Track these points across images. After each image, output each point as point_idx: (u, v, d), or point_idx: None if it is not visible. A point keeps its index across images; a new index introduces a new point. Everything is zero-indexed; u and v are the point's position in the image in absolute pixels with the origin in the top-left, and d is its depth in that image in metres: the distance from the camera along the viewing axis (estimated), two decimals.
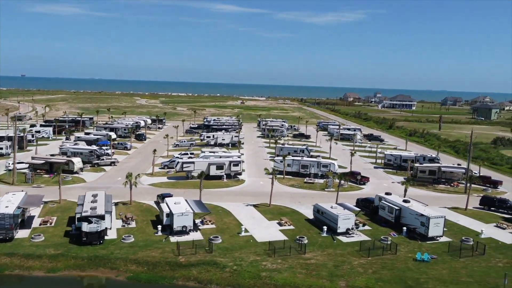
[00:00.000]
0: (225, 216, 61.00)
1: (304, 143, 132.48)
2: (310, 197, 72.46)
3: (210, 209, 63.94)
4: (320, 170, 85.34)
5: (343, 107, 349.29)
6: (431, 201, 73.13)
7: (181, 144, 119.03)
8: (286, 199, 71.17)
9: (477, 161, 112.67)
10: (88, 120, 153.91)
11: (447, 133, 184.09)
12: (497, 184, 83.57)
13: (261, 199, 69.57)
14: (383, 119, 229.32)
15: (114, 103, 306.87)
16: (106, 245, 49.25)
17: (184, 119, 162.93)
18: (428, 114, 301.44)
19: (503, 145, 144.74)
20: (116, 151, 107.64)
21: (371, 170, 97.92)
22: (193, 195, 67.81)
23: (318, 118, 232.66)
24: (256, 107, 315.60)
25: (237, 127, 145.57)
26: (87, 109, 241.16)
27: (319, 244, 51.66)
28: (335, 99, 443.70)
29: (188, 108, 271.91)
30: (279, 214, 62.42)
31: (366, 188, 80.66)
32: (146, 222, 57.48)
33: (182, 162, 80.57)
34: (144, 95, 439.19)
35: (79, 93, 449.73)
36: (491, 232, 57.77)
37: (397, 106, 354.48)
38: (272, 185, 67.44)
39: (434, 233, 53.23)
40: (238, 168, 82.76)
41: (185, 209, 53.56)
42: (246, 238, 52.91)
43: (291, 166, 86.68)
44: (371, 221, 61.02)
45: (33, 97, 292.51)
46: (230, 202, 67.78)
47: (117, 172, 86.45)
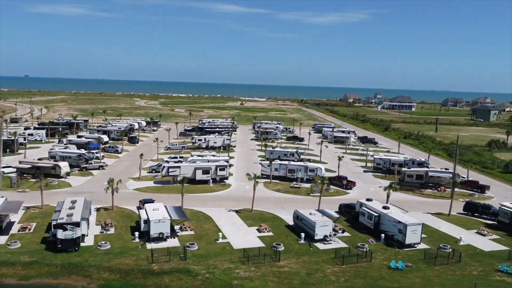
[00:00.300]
0: (206, 222, 61.04)
1: (297, 146, 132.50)
2: (294, 203, 72.33)
3: (191, 214, 64.18)
4: (307, 174, 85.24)
5: (342, 108, 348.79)
6: (416, 206, 73.13)
7: (172, 147, 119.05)
8: (270, 204, 71.16)
9: (468, 164, 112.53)
10: (83, 122, 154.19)
11: (443, 135, 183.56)
12: (484, 188, 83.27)
13: (245, 204, 69.54)
14: (381, 121, 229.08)
15: (113, 104, 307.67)
16: (82, 252, 49.37)
17: (178, 122, 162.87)
18: (427, 115, 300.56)
19: (498, 148, 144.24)
20: (107, 154, 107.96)
21: (361, 174, 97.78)
22: (177, 200, 67.81)
23: (315, 120, 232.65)
24: (255, 108, 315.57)
25: (231, 129, 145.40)
26: (85, 110, 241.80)
27: (295, 251, 51.61)
28: (335, 100, 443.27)
29: (186, 110, 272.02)
30: (259, 220, 62.41)
31: (352, 193, 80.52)
32: (125, 229, 57.56)
33: (168, 167, 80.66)
34: (145, 96, 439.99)
35: (79, 94, 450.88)
36: (471, 239, 57.56)
37: (397, 107, 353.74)
38: (254, 190, 67.42)
39: (411, 241, 53.08)
40: (224, 173, 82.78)
41: (162, 215, 53.62)
42: (222, 245, 52.91)
43: (279, 170, 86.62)
44: (352, 227, 60.94)
45: (31, 98, 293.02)
46: (213, 208, 67.82)
47: (104, 176, 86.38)
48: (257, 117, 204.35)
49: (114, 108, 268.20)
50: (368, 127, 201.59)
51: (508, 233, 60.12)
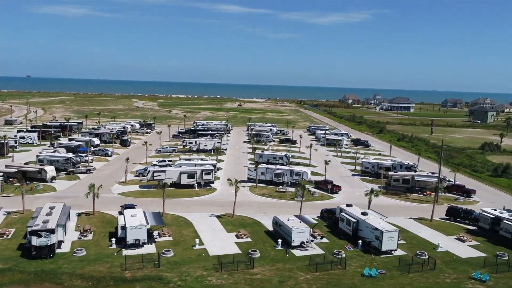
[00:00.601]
0: (185, 228, 61.09)
1: (288, 148, 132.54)
2: (277, 207, 72.33)
3: (172, 220, 64.29)
4: (293, 178, 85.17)
5: (340, 109, 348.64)
6: (400, 211, 73.05)
7: (163, 150, 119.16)
8: (252, 209, 71.18)
9: (455, 168, 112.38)
10: (77, 124, 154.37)
11: (438, 137, 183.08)
12: (470, 193, 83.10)
13: (229, 209, 69.39)
14: (377, 123, 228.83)
15: (111, 105, 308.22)
16: (56, 259, 49.44)
17: (170, 125, 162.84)
18: (425, 116, 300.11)
19: (491, 151, 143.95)
20: (96, 157, 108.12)
21: (349, 178, 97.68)
22: (160, 205, 67.91)
23: (311, 122, 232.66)
24: (252, 109, 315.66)
25: (223, 132, 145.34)
26: (82, 112, 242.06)
27: (271, 258, 51.59)
28: (334, 101, 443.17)
29: (183, 111, 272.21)
30: (240, 226, 62.43)
31: (337, 197, 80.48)
32: (103, 235, 57.64)
33: (153, 171, 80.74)
34: (144, 97, 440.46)
35: (78, 95, 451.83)
36: (450, 245, 57.44)
37: (395, 109, 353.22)
38: (235, 195, 67.41)
39: (387, 247, 53.01)
40: (210, 177, 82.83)
41: (139, 222, 53.67)
42: (199, 252, 52.94)
43: (265, 174, 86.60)
44: (332, 233, 60.91)
45: (28, 99, 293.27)
46: (195, 213, 67.86)
47: (91, 180, 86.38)
48: (251, 119, 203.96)
49: (111, 109, 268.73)
50: (364, 129, 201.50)
51: (488, 239, 59.98)
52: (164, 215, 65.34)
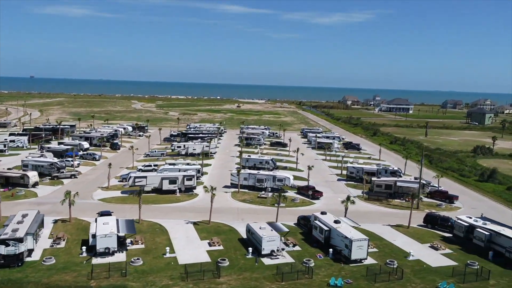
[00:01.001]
0: (159, 235, 61.22)
1: (278, 152, 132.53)
2: (256, 214, 72.39)
3: (148, 227, 64.48)
4: (276, 184, 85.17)
5: (338, 111, 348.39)
6: (379, 218, 72.93)
7: (151, 154, 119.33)
8: (231, 216, 71.23)
9: (447, 172, 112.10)
10: (69, 127, 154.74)
11: (433, 140, 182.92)
12: (453, 199, 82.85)
13: (207, 215, 69.42)
14: (373, 125, 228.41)
15: (109, 107, 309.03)
16: (24, 268, 49.64)
17: (161, 128, 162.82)
18: (423, 118, 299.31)
19: (483, 154, 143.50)
20: (84, 162, 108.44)
21: (334, 183, 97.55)
22: (142, 211, 68.20)
23: (307, 124, 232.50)
24: (250, 111, 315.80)
25: (214, 135, 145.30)
26: (79, 114, 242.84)
27: (240, 267, 51.63)
28: (334, 102, 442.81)
29: (180, 113, 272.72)
30: (214, 233, 62.49)
31: (318, 203, 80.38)
32: (76, 242, 57.81)
33: (134, 177, 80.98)
34: (143, 98, 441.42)
35: (78, 96, 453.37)
36: (422, 253, 57.31)
37: (394, 110, 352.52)
38: (211, 202, 67.49)
39: (357, 256, 52.92)
40: (191, 183, 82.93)
41: (109, 230, 53.83)
42: (168, 260, 53.03)
43: (248, 179, 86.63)
44: (306, 241, 60.88)
45: (25, 101, 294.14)
46: (173, 219, 67.98)
47: (75, 185, 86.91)
48: (246, 121, 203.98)
49: (109, 111, 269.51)
50: (358, 132, 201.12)
51: (461, 248, 59.83)
52: (141, 222, 65.59)
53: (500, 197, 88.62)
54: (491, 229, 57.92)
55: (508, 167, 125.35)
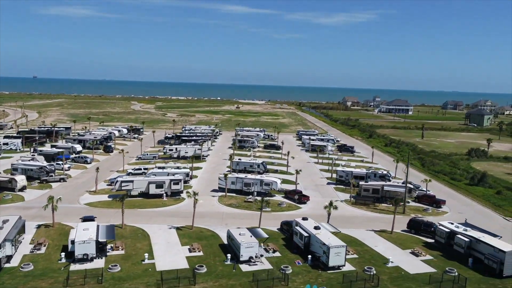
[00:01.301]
0: (141, 241, 61.33)
1: (270, 155, 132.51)
2: (241, 219, 72.44)
3: (131, 232, 64.65)
4: (263, 188, 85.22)
5: (337, 112, 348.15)
6: (364, 223, 72.84)
7: (143, 157, 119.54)
8: (215, 220, 71.30)
9: (438, 175, 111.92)
10: (64, 130, 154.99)
11: (428, 142, 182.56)
12: (440, 203, 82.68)
13: (190, 221, 69.52)
14: (370, 127, 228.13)
15: (108, 108, 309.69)
16: (2, 275, 49.83)
17: (155, 131, 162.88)
18: (421, 120, 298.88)
19: (477, 157, 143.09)
20: (75, 165, 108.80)
21: (323, 186, 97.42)
22: (127, 216, 68.43)
23: (305, 125, 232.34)
24: (249, 112, 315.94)
25: (207, 138, 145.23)
26: (77, 115, 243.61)
27: (217, 274, 51.68)
28: (333, 103, 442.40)
29: (178, 114, 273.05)
30: (196, 239, 62.58)
31: (304, 208, 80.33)
32: (57, 248, 57.98)
33: (121, 181, 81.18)
34: (144, 99, 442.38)
35: (79, 97, 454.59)
36: (402, 260, 57.20)
37: (394, 111, 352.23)
38: (194, 208, 67.54)
39: (334, 263, 52.89)
40: (178, 187, 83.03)
41: (88, 236, 54.00)
42: (146, 267, 53.13)
43: (235, 184, 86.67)
44: (287, 246, 60.87)
45: (24, 103, 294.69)
46: (156, 224, 68.11)
47: (63, 189, 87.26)
48: (244, 123, 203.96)
49: (107, 113, 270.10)
50: (355, 133, 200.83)
51: (443, 254, 59.71)
52: (124, 227, 65.78)
53: (489, 202, 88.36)
54: (471, 235, 57.80)
55: (501, 170, 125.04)
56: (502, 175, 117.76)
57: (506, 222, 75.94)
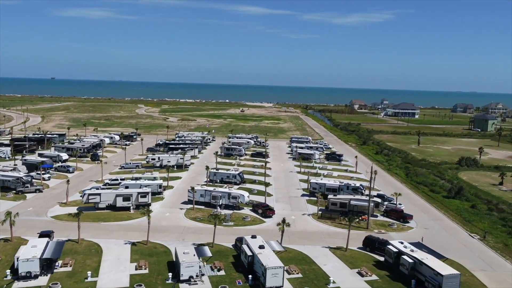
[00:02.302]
0: (92, 257, 62.23)
1: (255, 164, 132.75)
2: (200, 233, 72.86)
3: (85, 247, 65.60)
4: (230, 201, 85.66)
5: (343, 115, 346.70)
6: (323, 239, 72.55)
7: (126, 166, 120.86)
8: (175, 235, 71.79)
9: (419, 187, 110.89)
10: (57, 137, 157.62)
11: (423, 149, 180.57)
12: (407, 218, 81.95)
13: (153, 234, 70.22)
14: (368, 132, 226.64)
15: (112, 112, 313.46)
16: None
17: (143, 139, 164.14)
18: (426, 124, 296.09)
19: (467, 166, 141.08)
20: (58, 174, 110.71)
21: (296, 199, 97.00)
22: (86, 229, 70.02)
23: (303, 131, 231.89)
24: (252, 116, 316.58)
25: (195, 146, 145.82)
26: (79, 120, 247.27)
27: None
28: (340, 106, 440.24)
29: (179, 119, 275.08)
30: (147, 255, 63.23)
31: (268, 222, 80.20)
32: (7, 264, 59.19)
33: (88, 194, 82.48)
34: (152, 102, 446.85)
35: (89, 99, 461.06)
36: (345, 280, 56.98)
37: (400, 115, 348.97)
38: (148, 224, 68.25)
39: (271, 284, 52.92)
40: (146, 199, 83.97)
41: (32, 254, 55.17)
42: (87, 285, 53.99)
43: (204, 196, 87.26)
44: (235, 264, 61.06)
45: (27, 107, 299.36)
46: (113, 239, 68.92)
47: (36, 200, 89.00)
48: (241, 128, 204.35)
49: (110, 117, 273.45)
50: (351, 140, 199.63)
51: (390, 274, 59.31)
52: (80, 242, 66.93)
53: (460, 216, 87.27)
54: (415, 256, 57.36)
55: (487, 180, 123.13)
56: (486, 186, 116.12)
57: (468, 239, 74.92)
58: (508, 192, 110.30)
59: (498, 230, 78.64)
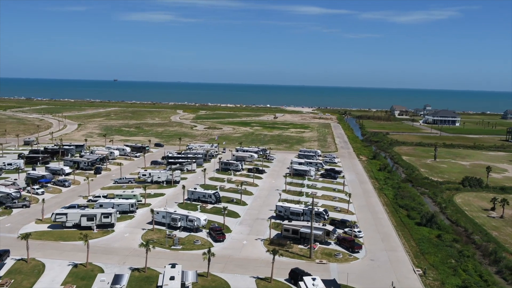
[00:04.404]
0: (30, 278, 67.19)
1: (244, 180, 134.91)
2: (143, 257, 76.11)
3: (30, 268, 70.87)
4: (187, 224, 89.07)
5: (378, 122, 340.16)
6: (259, 267, 73.32)
7: (119, 181, 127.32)
8: (118, 258, 75.68)
9: (399, 211, 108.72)
10: (74, 148, 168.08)
11: (438, 164, 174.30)
12: (355, 248, 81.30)
13: (106, 256, 75.19)
14: (390, 144, 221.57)
15: (148, 119, 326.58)
16: None
17: (147, 152, 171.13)
18: (462, 133, 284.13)
19: (470, 186, 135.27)
20: (54, 189, 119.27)
21: (262, 221, 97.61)
22: (46, 249, 76.94)
23: (324, 141, 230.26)
24: (283, 123, 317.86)
25: (193, 161, 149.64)
26: (111, 128, 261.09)
27: None
28: (382, 111, 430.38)
29: (206, 127, 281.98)
30: (79, 278, 67.63)
31: (217, 247, 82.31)
32: None
33: (55, 213, 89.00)
34: (194, 107, 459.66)
35: (135, 104, 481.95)
36: None
37: (439, 123, 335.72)
38: (87, 248, 73.08)
39: None
40: (109, 220, 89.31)
41: None
42: None
43: (166, 218, 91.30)
44: None
45: (63, 114, 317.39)
46: (60, 260, 73.97)
47: (18, 216, 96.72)
48: (242, 143, 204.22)
49: (141, 125, 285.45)
50: (365, 153, 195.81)
51: None
52: (29, 261, 73.01)
53: (418, 247, 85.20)
54: None
55: (481, 204, 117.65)
56: (475, 212, 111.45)
57: (408, 275, 73.08)
58: (495, 219, 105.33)
59: (446, 266, 76.28)
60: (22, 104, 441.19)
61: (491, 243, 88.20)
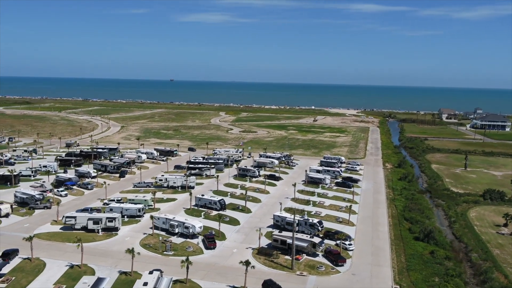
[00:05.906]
0: (30, 276, 74.34)
1: (256, 187, 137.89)
2: (136, 261, 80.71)
3: (31, 267, 77.96)
4: (183, 230, 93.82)
5: (422, 127, 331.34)
6: (239, 277, 76.32)
7: (138, 185, 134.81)
8: (112, 261, 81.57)
9: (403, 224, 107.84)
10: (107, 151, 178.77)
11: (467, 174, 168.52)
12: (339, 261, 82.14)
13: (104, 258, 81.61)
14: (424, 151, 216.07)
15: (189, 121, 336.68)
16: None
17: (168, 158, 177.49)
18: (509, 140, 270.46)
19: (491, 200, 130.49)
20: (78, 190, 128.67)
21: (258, 231, 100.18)
22: (51, 249, 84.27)
23: (354, 147, 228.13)
24: (320, 127, 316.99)
25: (210, 166, 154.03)
26: (150, 130, 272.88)
27: None
28: (429, 114, 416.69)
29: (241, 130, 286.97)
30: (71, 279, 73.66)
31: (206, 254, 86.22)
32: None
33: (66, 216, 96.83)
34: (238, 108, 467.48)
35: (182, 106, 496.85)
36: None
37: (487, 128, 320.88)
38: (82, 253, 79.43)
39: None
40: (113, 224, 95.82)
41: None
42: None
43: (165, 224, 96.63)
44: None
45: (108, 115, 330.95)
46: (61, 260, 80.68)
47: (38, 216, 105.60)
48: (266, 149, 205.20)
49: (180, 127, 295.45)
50: (392, 160, 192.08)
51: None
52: (33, 261, 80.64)
53: (406, 263, 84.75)
54: None
55: (496, 219, 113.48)
56: (486, 227, 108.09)
57: None
58: (503, 236, 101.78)
59: (426, 284, 75.67)
60: (78, 105, 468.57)
61: (488, 261, 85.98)
